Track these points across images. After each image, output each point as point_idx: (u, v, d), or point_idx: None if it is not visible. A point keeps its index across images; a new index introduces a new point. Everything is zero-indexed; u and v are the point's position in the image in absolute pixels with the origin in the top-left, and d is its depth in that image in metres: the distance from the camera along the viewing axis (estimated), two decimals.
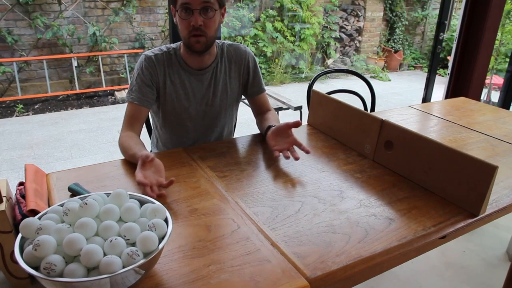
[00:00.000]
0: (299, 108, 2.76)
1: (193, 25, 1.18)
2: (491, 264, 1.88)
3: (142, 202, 0.81)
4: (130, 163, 1.18)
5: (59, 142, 3.32)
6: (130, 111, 1.27)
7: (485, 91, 4.24)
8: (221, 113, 1.41)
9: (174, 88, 1.31)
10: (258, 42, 5.37)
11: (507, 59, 4.61)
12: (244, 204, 0.97)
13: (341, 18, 6.07)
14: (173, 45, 1.33)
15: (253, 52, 1.44)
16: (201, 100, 1.35)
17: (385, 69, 6.24)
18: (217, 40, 1.34)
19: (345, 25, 6.14)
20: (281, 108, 2.78)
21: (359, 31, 6.25)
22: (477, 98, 2.84)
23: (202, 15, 1.18)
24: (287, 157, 1.16)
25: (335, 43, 6.00)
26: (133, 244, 0.69)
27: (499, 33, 3.81)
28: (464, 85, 2.76)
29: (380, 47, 6.44)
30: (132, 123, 1.26)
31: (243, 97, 1.49)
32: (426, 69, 6.09)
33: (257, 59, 1.47)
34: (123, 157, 1.21)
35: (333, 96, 1.44)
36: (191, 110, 1.35)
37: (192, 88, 1.33)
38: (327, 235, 0.87)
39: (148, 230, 0.71)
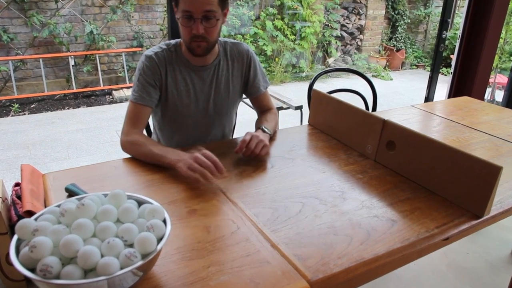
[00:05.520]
0: (300, 107, 2.75)
1: (194, 33, 1.17)
2: (495, 266, 1.87)
3: (140, 203, 0.80)
4: (128, 163, 1.17)
5: (56, 142, 3.31)
6: (133, 111, 1.25)
7: (489, 90, 4.23)
8: (223, 111, 1.40)
9: (176, 85, 1.30)
10: (258, 41, 5.35)
11: None
12: (244, 205, 0.96)
13: (342, 16, 6.06)
14: (172, 42, 1.32)
15: (253, 51, 1.43)
16: (202, 97, 1.34)
17: (387, 68, 6.22)
18: (219, 38, 1.33)
19: (347, 23, 6.12)
20: (281, 108, 2.77)
21: (361, 29, 6.23)
22: (481, 97, 2.82)
23: (204, 23, 1.17)
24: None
25: (336, 42, 5.98)
26: (131, 246, 0.68)
27: (503, 31, 3.80)
28: (467, 84, 2.74)
29: (382, 45, 6.42)
30: (135, 122, 1.24)
31: (244, 96, 1.48)
32: (429, 68, 6.08)
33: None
34: (121, 157, 1.20)
35: (334, 95, 1.43)
36: (192, 107, 1.34)
37: (194, 85, 1.32)
38: (328, 236, 0.86)
39: (146, 231, 0.70)
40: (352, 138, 1.30)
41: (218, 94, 1.36)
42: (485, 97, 3.20)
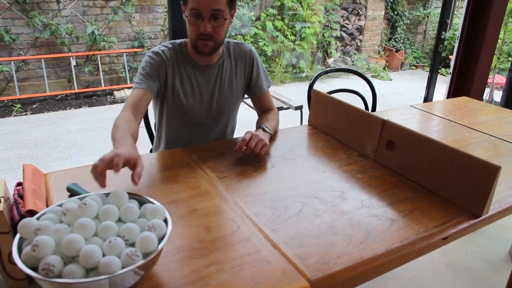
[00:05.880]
0: (300, 107, 2.76)
1: (201, 31, 1.18)
2: (494, 265, 1.87)
3: (141, 203, 0.80)
4: None
5: (58, 142, 3.31)
6: (133, 96, 1.22)
7: (487, 90, 4.23)
8: (226, 111, 1.41)
9: (181, 84, 1.31)
10: (259, 41, 5.36)
11: (510, 58, 4.60)
12: (245, 205, 0.97)
13: (342, 17, 6.06)
14: (177, 41, 1.33)
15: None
16: (206, 96, 1.35)
17: (386, 68, 6.23)
18: None
19: (346, 24, 6.12)
20: (281, 108, 2.77)
21: (360, 30, 6.23)
22: (480, 97, 2.82)
23: (212, 22, 1.17)
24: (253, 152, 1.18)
25: (336, 42, 5.99)
26: (133, 245, 0.69)
27: (501, 32, 3.80)
28: (466, 84, 2.75)
29: (381, 46, 6.42)
30: (131, 105, 1.21)
31: (245, 96, 1.49)
32: (428, 68, 6.07)
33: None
34: None
35: (334, 95, 1.43)
36: (196, 106, 1.35)
37: (198, 85, 1.33)
38: (328, 236, 0.86)
39: (147, 230, 0.70)
40: (352, 138, 1.31)
41: (221, 94, 1.37)
42: (484, 97, 3.20)
